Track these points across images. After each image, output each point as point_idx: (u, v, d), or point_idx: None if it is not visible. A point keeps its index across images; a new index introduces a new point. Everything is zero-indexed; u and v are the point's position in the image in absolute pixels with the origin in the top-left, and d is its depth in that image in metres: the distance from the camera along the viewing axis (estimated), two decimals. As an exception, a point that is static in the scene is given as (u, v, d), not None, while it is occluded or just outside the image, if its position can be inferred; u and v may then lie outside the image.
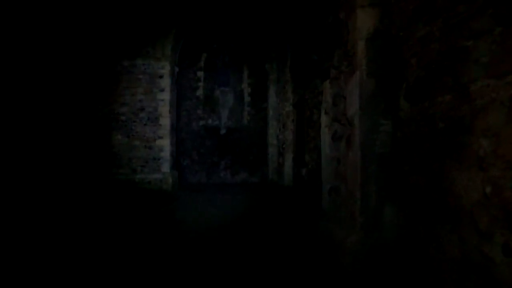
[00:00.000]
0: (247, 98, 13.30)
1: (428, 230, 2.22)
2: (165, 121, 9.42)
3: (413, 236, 2.41)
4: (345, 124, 3.07)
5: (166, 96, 9.44)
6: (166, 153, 9.38)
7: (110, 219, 5.45)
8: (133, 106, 9.30)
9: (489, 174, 1.70)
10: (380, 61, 2.72)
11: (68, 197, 7.54)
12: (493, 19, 1.73)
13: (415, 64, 2.44)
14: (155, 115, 9.38)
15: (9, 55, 6.50)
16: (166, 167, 9.34)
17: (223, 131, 13.12)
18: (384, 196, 2.69)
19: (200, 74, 12.96)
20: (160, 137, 9.38)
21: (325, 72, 3.78)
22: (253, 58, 13.16)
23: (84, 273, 3.09)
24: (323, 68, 3.92)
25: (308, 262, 3.34)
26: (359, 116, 2.74)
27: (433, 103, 2.20)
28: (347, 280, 2.75)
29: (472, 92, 1.85)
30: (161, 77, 9.43)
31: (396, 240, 2.62)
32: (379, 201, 2.70)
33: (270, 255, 3.62)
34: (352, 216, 2.84)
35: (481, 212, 1.75)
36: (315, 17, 4.43)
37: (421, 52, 2.37)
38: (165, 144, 9.40)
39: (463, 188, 1.89)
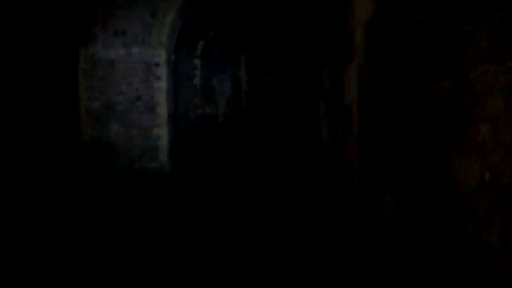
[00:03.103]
0: (245, 86, 13.21)
1: (427, 218, 2.23)
2: (162, 110, 9.35)
3: (411, 225, 2.42)
4: (343, 111, 3.05)
5: (163, 84, 9.34)
6: (164, 142, 9.34)
7: (111, 215, 5.47)
8: (129, 95, 9.22)
9: (488, 160, 1.70)
10: (379, 48, 2.69)
11: (67, 190, 7.54)
12: (493, 4, 1.70)
13: (415, 50, 2.41)
14: (152, 103, 9.31)
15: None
16: (163, 156, 9.31)
17: (220, 120, 13.06)
18: (383, 185, 2.70)
19: (197, 62, 12.82)
20: (158, 126, 9.32)
21: (324, 59, 3.75)
22: (251, 45, 13.02)
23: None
24: (322, 55, 3.88)
25: (306, 249, 3.36)
26: (357, 104, 2.72)
27: (432, 90, 2.19)
28: (346, 267, 2.77)
29: (471, 79, 1.83)
30: (157, 65, 9.33)
31: (395, 229, 2.63)
32: (378, 189, 2.70)
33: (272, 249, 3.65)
34: (350, 205, 2.85)
35: (480, 198, 1.75)
36: (312, 3, 4.38)
37: (421, 37, 2.34)
38: (163, 133, 9.35)
39: (462, 175, 1.89)
